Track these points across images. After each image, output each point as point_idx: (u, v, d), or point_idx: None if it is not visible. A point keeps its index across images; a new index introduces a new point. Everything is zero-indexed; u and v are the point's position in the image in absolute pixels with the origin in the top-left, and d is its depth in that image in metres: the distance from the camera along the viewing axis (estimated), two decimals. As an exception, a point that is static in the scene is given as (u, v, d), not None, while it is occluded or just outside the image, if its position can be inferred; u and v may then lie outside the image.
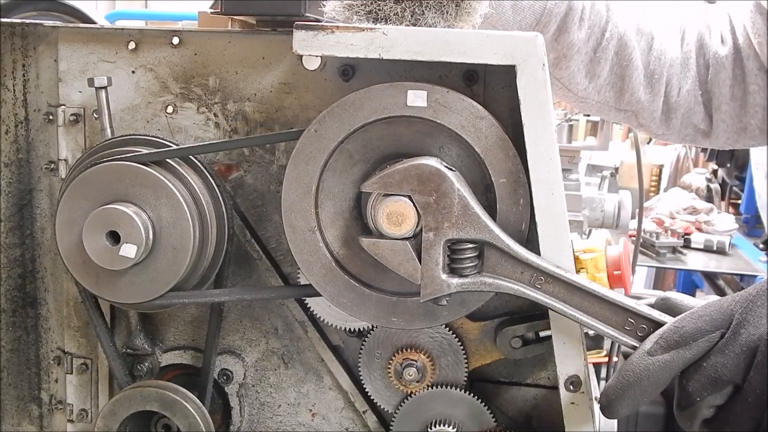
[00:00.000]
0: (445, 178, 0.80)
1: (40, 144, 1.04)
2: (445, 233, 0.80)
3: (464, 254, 0.82)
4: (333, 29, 0.84)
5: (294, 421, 1.05)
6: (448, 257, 0.82)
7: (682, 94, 1.31)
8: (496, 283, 0.83)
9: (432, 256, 0.81)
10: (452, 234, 0.80)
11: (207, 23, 1.19)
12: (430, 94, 0.84)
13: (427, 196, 0.80)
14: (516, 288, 0.82)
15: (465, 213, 0.80)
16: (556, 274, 0.82)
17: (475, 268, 0.83)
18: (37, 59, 1.02)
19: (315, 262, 0.88)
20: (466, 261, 0.82)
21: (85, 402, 1.07)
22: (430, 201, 0.80)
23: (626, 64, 1.29)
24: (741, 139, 1.34)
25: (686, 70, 1.31)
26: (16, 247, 1.06)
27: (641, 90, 1.30)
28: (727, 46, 1.29)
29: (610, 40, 1.28)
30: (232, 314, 1.04)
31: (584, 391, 0.87)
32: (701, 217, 3.47)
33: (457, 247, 0.82)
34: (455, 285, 0.81)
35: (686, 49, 1.32)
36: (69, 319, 1.06)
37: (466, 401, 0.97)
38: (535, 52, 0.81)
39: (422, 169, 0.80)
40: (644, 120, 1.35)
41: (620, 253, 1.23)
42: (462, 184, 0.81)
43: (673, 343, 0.75)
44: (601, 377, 1.91)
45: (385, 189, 0.82)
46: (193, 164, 0.93)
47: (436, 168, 0.80)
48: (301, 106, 0.97)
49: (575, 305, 0.82)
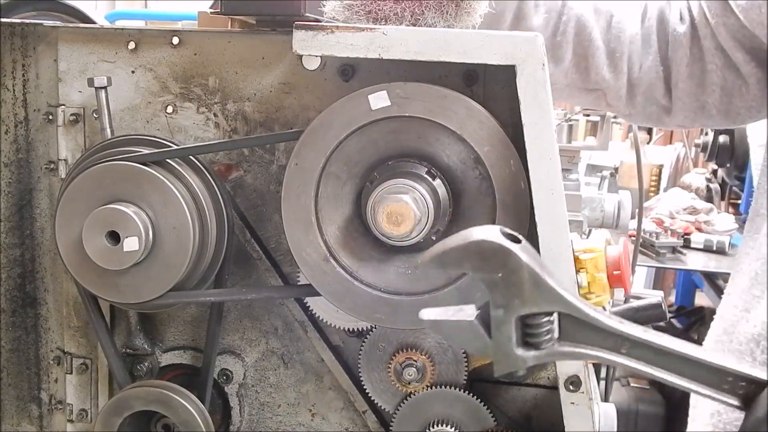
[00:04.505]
0: (510, 255, 0.71)
1: (39, 144, 1.04)
2: (516, 309, 0.73)
3: (539, 328, 0.74)
4: (333, 29, 0.84)
5: (294, 421, 1.05)
6: (521, 331, 0.75)
7: (644, 69, 1.31)
8: (576, 352, 0.76)
9: (504, 333, 0.73)
10: (525, 310, 0.73)
11: (207, 23, 1.19)
12: (390, 91, 0.84)
13: (493, 274, 0.72)
14: (600, 356, 0.76)
15: (537, 287, 0.72)
16: (643, 341, 0.75)
17: (552, 339, 0.75)
18: (36, 59, 1.02)
19: (337, 285, 0.88)
20: (542, 334, 0.75)
21: (84, 402, 1.07)
22: (496, 278, 0.72)
23: (587, 44, 1.29)
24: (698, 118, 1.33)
25: (647, 46, 1.31)
26: (16, 247, 1.06)
27: (605, 68, 1.30)
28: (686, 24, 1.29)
29: (568, 22, 1.29)
30: (232, 314, 1.04)
31: (584, 391, 0.87)
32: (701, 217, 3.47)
33: (530, 321, 0.74)
34: (531, 358, 0.75)
35: (647, 25, 1.32)
36: (69, 319, 1.06)
37: (466, 401, 0.97)
38: (534, 52, 0.81)
39: (483, 246, 0.71)
40: (611, 99, 1.35)
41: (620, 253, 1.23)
42: (530, 256, 0.73)
43: None
44: (601, 377, 1.91)
45: (443, 267, 0.73)
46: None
47: (499, 245, 0.71)
48: (301, 106, 0.97)
49: (667, 368, 0.76)
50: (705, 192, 3.96)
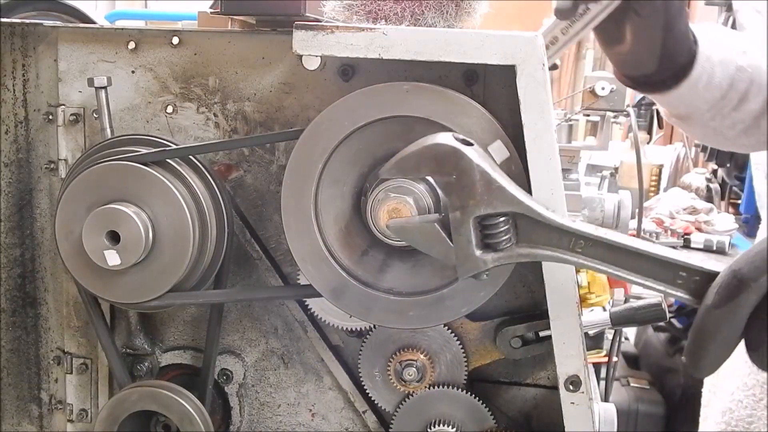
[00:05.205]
0: (462, 156, 0.76)
1: (39, 144, 1.04)
2: (472, 210, 0.77)
3: (496, 228, 0.78)
4: (333, 29, 0.84)
5: (294, 421, 1.05)
6: (480, 233, 0.78)
7: None
8: (533, 253, 0.79)
9: (463, 235, 0.77)
10: (479, 211, 0.77)
11: (207, 23, 1.19)
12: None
13: (447, 176, 0.76)
14: (555, 255, 0.79)
15: (489, 188, 0.76)
16: (597, 237, 0.77)
17: (510, 240, 0.79)
18: (36, 59, 1.02)
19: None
20: (500, 235, 0.78)
21: (84, 402, 1.07)
22: (451, 180, 0.76)
23: None
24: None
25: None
26: (16, 246, 1.06)
27: None
28: None
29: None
30: (232, 314, 1.04)
31: (584, 391, 0.87)
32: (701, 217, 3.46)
33: (488, 222, 0.78)
34: (491, 260, 0.78)
35: None
36: (69, 319, 1.06)
37: (466, 401, 0.97)
38: (534, 52, 0.81)
39: (437, 149, 0.76)
40: None
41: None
42: (482, 158, 0.77)
43: (735, 289, 0.73)
44: (601, 377, 1.91)
45: (404, 174, 0.79)
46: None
47: (451, 147, 0.76)
48: (301, 106, 0.97)
49: (621, 265, 0.77)
50: (705, 192, 3.96)
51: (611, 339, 1.86)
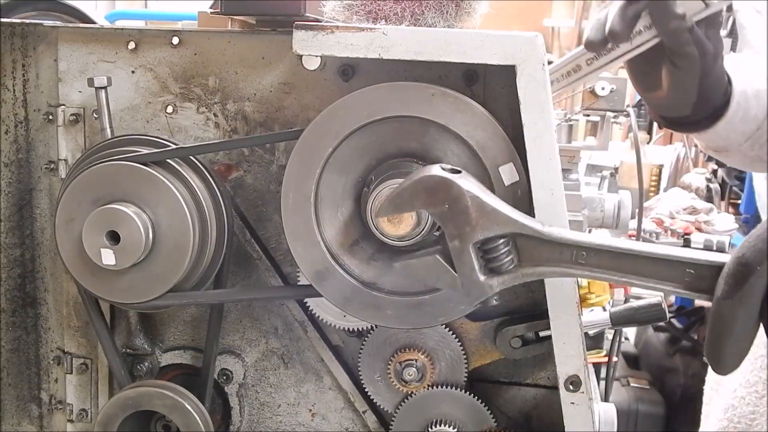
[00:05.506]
0: (451, 185, 0.77)
1: (39, 144, 1.04)
2: (470, 236, 0.77)
3: (497, 251, 0.78)
4: (333, 29, 0.84)
5: (294, 421, 1.05)
6: (482, 258, 0.79)
7: None
8: (537, 271, 0.79)
9: (465, 263, 0.78)
10: (477, 236, 0.77)
11: (207, 23, 1.19)
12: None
13: (440, 207, 0.78)
14: (560, 270, 0.79)
15: (482, 212, 0.77)
16: (598, 246, 0.77)
17: (513, 261, 0.79)
18: (36, 59, 1.02)
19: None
20: (501, 257, 0.79)
21: (84, 402, 1.07)
22: (444, 210, 0.78)
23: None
24: None
25: None
26: (16, 247, 1.06)
27: None
28: None
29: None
30: (232, 314, 1.04)
31: (584, 391, 0.87)
32: (701, 217, 3.46)
33: (488, 247, 0.79)
34: (497, 284, 0.79)
35: None
36: (69, 319, 1.06)
37: (466, 401, 0.97)
38: (534, 52, 0.81)
39: (426, 182, 0.78)
40: None
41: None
42: (471, 184, 0.78)
43: (741, 275, 0.72)
44: (601, 377, 1.91)
45: (398, 210, 0.80)
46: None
47: (440, 177, 0.78)
48: (301, 106, 0.97)
49: (627, 271, 0.77)
50: (705, 192, 3.96)
51: (611, 339, 1.87)
